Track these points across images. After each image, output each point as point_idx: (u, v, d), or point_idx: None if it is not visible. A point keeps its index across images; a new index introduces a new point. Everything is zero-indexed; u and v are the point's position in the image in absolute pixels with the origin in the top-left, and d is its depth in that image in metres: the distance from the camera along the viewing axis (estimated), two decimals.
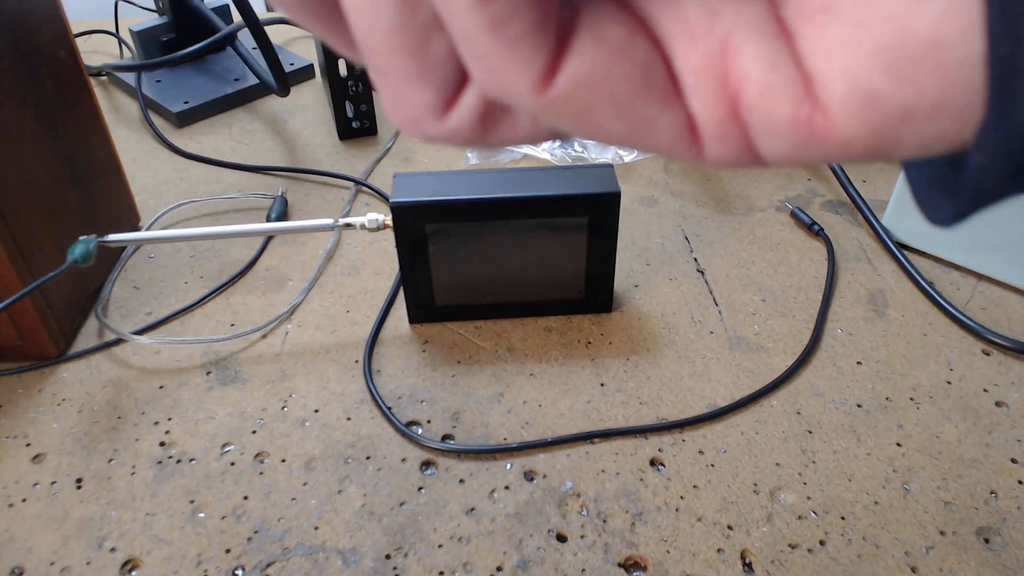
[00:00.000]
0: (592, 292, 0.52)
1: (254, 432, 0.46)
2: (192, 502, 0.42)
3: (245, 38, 0.83)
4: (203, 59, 0.83)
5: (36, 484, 0.43)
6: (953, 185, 0.14)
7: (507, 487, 0.43)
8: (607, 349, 0.51)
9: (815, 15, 0.13)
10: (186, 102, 0.76)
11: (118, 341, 0.51)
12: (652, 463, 0.44)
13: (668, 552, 0.40)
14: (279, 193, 0.64)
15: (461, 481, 0.43)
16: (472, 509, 0.42)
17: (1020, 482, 0.43)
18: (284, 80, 0.67)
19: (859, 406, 0.47)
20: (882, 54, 0.12)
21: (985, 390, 0.48)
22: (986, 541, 0.40)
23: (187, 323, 0.53)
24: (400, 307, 0.54)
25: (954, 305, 0.53)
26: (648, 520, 0.41)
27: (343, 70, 0.68)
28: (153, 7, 0.84)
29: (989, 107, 0.12)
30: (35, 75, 0.48)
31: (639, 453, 0.44)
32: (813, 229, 0.59)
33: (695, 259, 0.58)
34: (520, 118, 0.15)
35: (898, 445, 0.45)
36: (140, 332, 0.52)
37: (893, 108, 0.12)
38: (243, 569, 0.39)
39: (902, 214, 0.57)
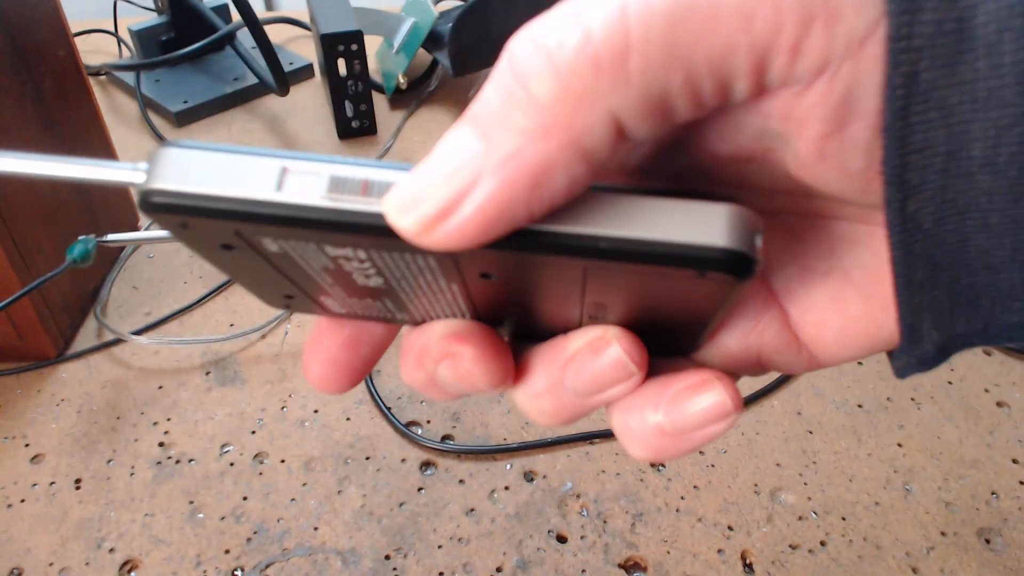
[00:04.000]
0: None
1: (253, 432, 0.46)
2: (191, 503, 0.42)
3: (244, 37, 0.83)
4: (202, 59, 0.83)
5: (35, 485, 0.43)
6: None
7: (507, 488, 0.43)
8: None
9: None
10: (185, 101, 0.76)
11: (117, 341, 0.51)
12: (652, 464, 0.44)
13: (668, 553, 0.40)
14: None
15: (461, 482, 0.43)
16: (472, 510, 0.42)
17: (1021, 482, 0.43)
18: (283, 79, 0.67)
19: (860, 406, 0.47)
20: (859, 327, 0.19)
21: (986, 390, 0.48)
22: (987, 542, 0.40)
23: (186, 323, 0.53)
24: None
25: None
26: (648, 521, 0.41)
27: (342, 69, 0.68)
28: (152, 6, 0.84)
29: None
30: (34, 74, 0.47)
31: None
32: None
33: None
34: None
35: (899, 445, 0.45)
36: (139, 332, 0.52)
37: (868, 352, 0.20)
38: (242, 570, 0.39)
39: None
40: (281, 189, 0.15)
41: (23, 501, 0.42)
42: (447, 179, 0.14)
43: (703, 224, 0.15)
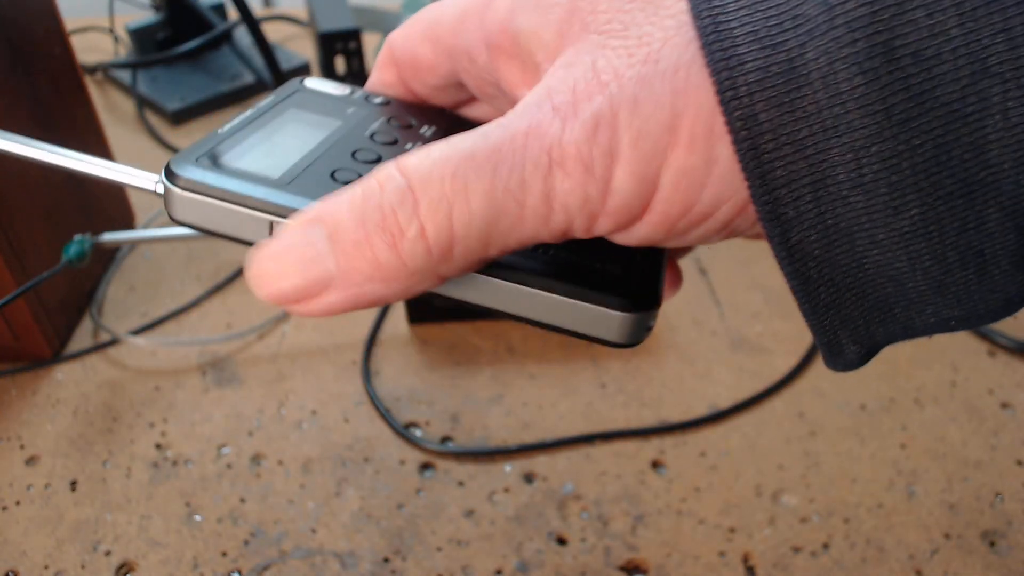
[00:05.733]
0: None
1: (251, 434, 0.45)
2: (188, 505, 0.42)
3: (242, 36, 0.83)
4: (199, 57, 0.82)
5: (30, 486, 0.43)
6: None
7: (507, 489, 0.42)
8: (608, 350, 0.50)
9: None
10: (182, 100, 0.75)
11: (113, 342, 0.51)
12: (653, 465, 0.44)
13: (669, 555, 0.39)
14: None
15: (460, 483, 0.43)
16: (471, 512, 0.41)
17: None
18: (281, 78, 0.67)
19: (863, 408, 0.46)
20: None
21: (990, 391, 0.47)
22: (991, 544, 0.40)
23: (183, 324, 0.53)
24: (399, 307, 0.53)
25: None
26: (649, 523, 0.41)
27: (340, 68, 0.68)
28: (149, 4, 0.83)
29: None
30: (29, 73, 0.47)
31: (640, 455, 0.44)
32: None
33: (697, 259, 0.58)
34: None
35: (902, 447, 0.44)
36: (136, 333, 0.52)
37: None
38: (239, 572, 0.39)
39: None
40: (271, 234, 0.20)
41: (18, 503, 0.42)
42: (301, 270, 0.18)
43: (604, 327, 0.19)
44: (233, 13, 0.89)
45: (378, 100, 0.25)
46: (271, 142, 0.22)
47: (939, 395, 0.47)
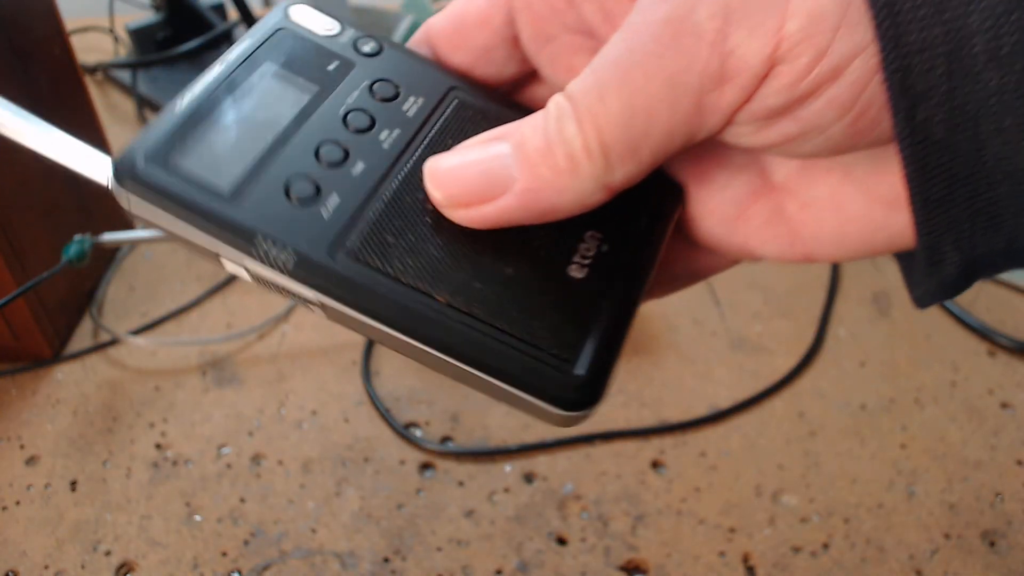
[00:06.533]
0: None
1: (251, 434, 0.45)
2: (188, 505, 0.42)
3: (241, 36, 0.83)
4: (199, 57, 0.82)
5: (30, 487, 0.43)
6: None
7: (507, 489, 0.42)
8: None
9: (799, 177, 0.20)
10: None
11: (113, 342, 0.51)
12: (653, 465, 0.44)
13: (669, 555, 0.39)
14: None
15: (460, 483, 0.43)
16: (471, 512, 0.41)
17: None
18: None
19: (863, 408, 0.46)
20: (856, 226, 0.19)
21: (990, 391, 0.47)
22: (991, 544, 0.40)
23: (183, 324, 0.53)
24: None
25: (959, 306, 0.52)
26: (649, 523, 0.41)
27: None
28: (149, 4, 0.83)
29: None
30: (29, 73, 0.47)
31: (640, 455, 0.44)
32: None
33: None
34: None
35: (902, 447, 0.44)
36: (136, 333, 0.52)
37: (865, 252, 0.20)
38: (239, 572, 0.39)
39: None
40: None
41: (18, 503, 0.42)
42: (482, 171, 0.18)
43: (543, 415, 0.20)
44: (233, 13, 0.89)
45: (367, 48, 0.23)
46: (233, 125, 0.20)
47: (939, 395, 0.47)
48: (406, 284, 0.18)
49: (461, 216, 0.19)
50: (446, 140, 0.21)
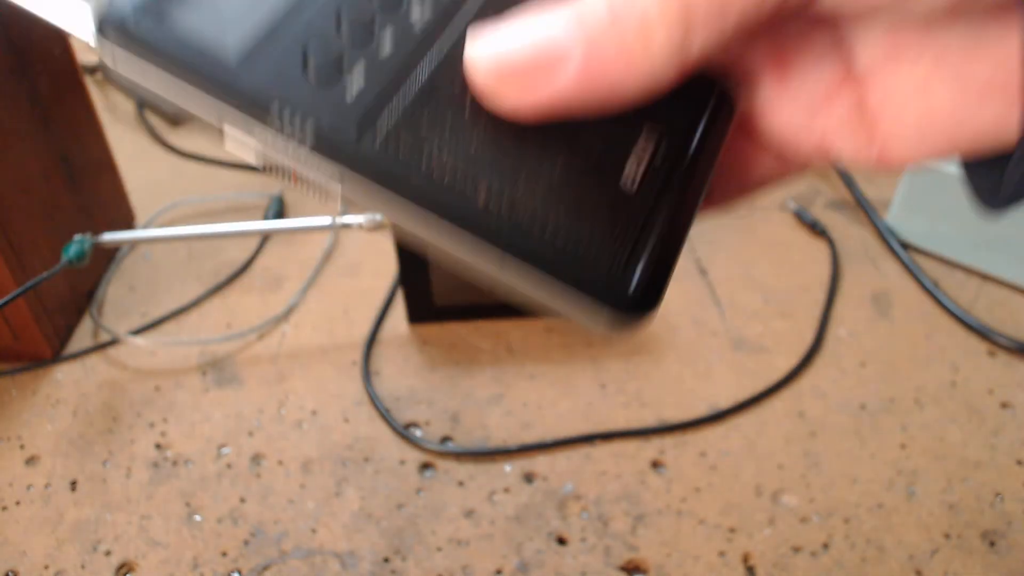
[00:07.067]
0: None
1: (251, 434, 0.45)
2: (188, 505, 0.42)
3: None
4: None
5: (30, 487, 0.43)
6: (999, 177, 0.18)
7: (507, 489, 0.42)
8: (608, 350, 0.50)
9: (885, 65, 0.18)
10: None
11: (113, 342, 0.51)
12: (653, 465, 0.44)
13: (669, 555, 0.39)
14: (276, 192, 0.63)
15: (460, 483, 0.43)
16: (471, 512, 0.41)
17: None
18: None
19: (863, 408, 0.46)
20: (941, 117, 0.17)
21: (990, 391, 0.47)
22: (992, 544, 0.40)
23: (183, 324, 0.53)
24: (399, 307, 0.53)
25: (959, 305, 0.52)
26: (649, 523, 0.41)
27: None
28: None
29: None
30: (29, 73, 0.47)
31: (640, 455, 0.44)
32: (816, 229, 0.59)
33: (697, 259, 0.58)
34: None
35: (902, 447, 0.44)
36: (135, 333, 0.52)
37: (945, 150, 0.18)
38: (239, 572, 0.39)
39: (906, 213, 0.57)
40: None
41: (18, 503, 0.42)
42: (536, 38, 0.16)
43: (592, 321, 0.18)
44: None
45: None
46: None
47: (939, 395, 0.47)
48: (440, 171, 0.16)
49: (510, 102, 0.16)
50: (488, 14, 0.18)
